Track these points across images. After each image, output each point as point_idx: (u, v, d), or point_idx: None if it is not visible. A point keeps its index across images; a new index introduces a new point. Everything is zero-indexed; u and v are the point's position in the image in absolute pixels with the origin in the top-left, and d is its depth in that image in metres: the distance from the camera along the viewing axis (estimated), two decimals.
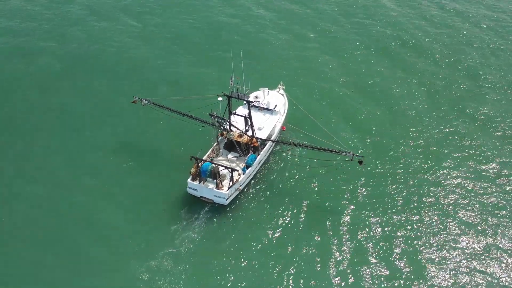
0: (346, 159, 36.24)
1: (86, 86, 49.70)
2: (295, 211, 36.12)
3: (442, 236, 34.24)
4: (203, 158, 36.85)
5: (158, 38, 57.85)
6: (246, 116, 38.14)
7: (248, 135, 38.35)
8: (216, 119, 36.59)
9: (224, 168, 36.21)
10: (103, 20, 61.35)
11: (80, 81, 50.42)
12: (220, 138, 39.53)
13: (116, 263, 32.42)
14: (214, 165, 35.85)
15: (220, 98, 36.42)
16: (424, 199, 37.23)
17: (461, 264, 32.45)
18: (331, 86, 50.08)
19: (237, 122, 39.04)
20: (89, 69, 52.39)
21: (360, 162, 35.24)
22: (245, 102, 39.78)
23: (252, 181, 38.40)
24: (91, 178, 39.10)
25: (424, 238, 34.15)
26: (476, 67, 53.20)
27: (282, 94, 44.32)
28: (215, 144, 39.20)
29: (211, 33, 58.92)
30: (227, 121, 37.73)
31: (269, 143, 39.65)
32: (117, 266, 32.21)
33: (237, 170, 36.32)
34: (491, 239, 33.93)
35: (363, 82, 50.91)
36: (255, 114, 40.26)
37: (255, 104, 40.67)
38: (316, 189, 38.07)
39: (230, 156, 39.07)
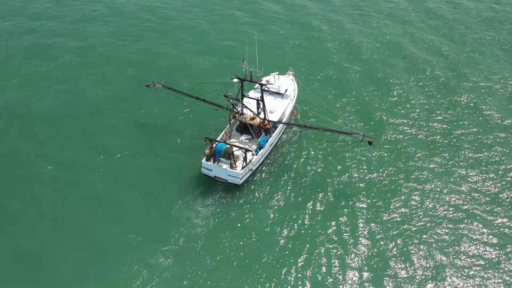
0: (360, 140, 36.89)
1: (102, 74, 51.02)
2: (305, 192, 37.20)
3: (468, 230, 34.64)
4: (214, 139, 37.84)
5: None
6: (259, 99, 39.11)
7: (260, 118, 39.36)
8: (231, 100, 37.51)
9: (237, 149, 37.25)
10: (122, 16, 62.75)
11: (97, 69, 51.65)
12: (233, 120, 40.55)
13: (129, 243, 33.42)
14: (228, 145, 36.85)
15: (235, 80, 37.38)
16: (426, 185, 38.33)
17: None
18: (341, 74, 51.29)
19: (250, 104, 40.06)
20: (105, 58, 53.58)
21: (370, 143, 36.25)
22: (257, 85, 40.93)
23: (264, 163, 39.45)
24: (107, 158, 40.22)
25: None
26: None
27: (292, 80, 45.34)
28: (227, 127, 40.25)
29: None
30: (242, 103, 38.67)
31: (280, 126, 40.65)
32: (131, 245, 33.26)
33: (251, 151, 37.34)
34: None
35: (374, 71, 52.09)
36: (266, 98, 41.22)
37: (268, 87, 41.57)
38: (326, 170, 39.10)
39: (242, 138, 40.10)
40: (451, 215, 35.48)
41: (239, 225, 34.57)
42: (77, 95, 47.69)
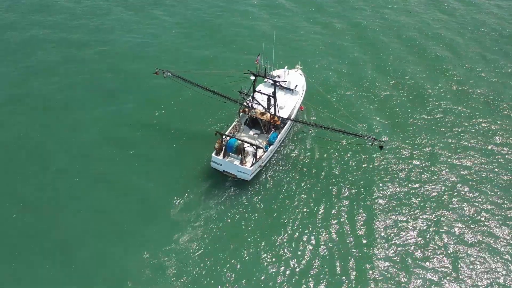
0: (369, 143, 37.31)
1: (116, 66, 49.82)
2: (314, 189, 37.61)
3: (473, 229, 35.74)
4: (225, 134, 37.71)
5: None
6: (271, 95, 38.90)
7: (270, 113, 39.25)
8: (245, 96, 37.19)
9: (249, 145, 37.17)
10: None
11: (110, 62, 50.42)
12: (242, 114, 40.30)
13: (131, 242, 33.25)
14: (240, 141, 36.71)
15: (252, 77, 36.98)
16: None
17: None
18: (351, 69, 51.53)
19: (264, 101, 39.79)
20: (114, 51, 52.19)
21: (381, 147, 36.76)
22: (266, 80, 40.70)
23: (272, 159, 39.57)
24: (117, 150, 39.69)
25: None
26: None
27: (301, 74, 45.22)
28: (236, 120, 40.02)
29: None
30: (253, 98, 38.37)
31: (289, 123, 40.68)
32: (133, 245, 32.99)
33: (262, 148, 37.36)
34: None
35: (385, 66, 52.72)
36: (277, 93, 41.02)
37: (282, 84, 41.36)
38: (333, 168, 39.51)
39: (251, 133, 40.00)
40: (466, 209, 36.89)
41: (246, 223, 34.80)
42: (86, 87, 46.71)
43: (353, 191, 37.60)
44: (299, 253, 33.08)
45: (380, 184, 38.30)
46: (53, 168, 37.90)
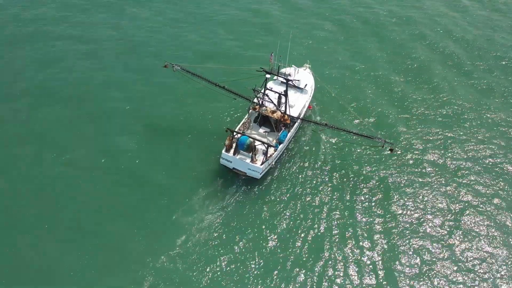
0: (381, 146, 36.92)
1: (118, 64, 48.55)
2: (322, 187, 37.05)
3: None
4: (236, 131, 36.82)
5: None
6: (282, 93, 38.12)
7: (281, 111, 38.42)
8: (258, 95, 36.37)
9: (260, 143, 36.27)
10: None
11: (112, 59, 49.09)
12: (251, 111, 39.39)
13: (139, 235, 32.40)
14: (251, 139, 35.79)
15: (268, 76, 36.23)
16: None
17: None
18: (359, 67, 51.05)
19: (275, 99, 39.12)
20: (120, 49, 50.73)
21: (391, 150, 36.31)
22: (276, 78, 39.96)
23: (281, 157, 38.89)
24: (117, 150, 38.47)
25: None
26: None
27: (309, 73, 44.58)
28: (246, 117, 39.13)
29: None
30: (265, 95, 37.51)
31: (298, 121, 39.94)
32: (136, 247, 31.91)
33: (273, 146, 36.50)
34: None
35: (394, 63, 52.35)
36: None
37: (294, 83, 40.72)
38: (343, 165, 38.93)
39: (261, 130, 39.15)
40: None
41: (255, 223, 34.04)
42: (86, 85, 45.22)
43: (365, 187, 37.16)
44: (313, 255, 32.43)
45: (392, 181, 37.84)
46: (53, 167, 36.52)
